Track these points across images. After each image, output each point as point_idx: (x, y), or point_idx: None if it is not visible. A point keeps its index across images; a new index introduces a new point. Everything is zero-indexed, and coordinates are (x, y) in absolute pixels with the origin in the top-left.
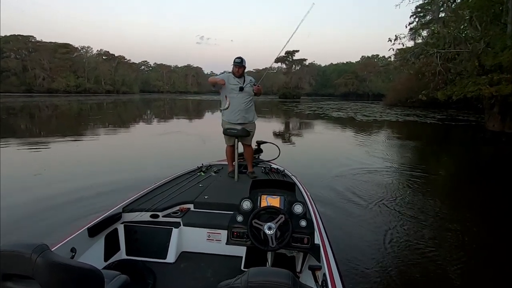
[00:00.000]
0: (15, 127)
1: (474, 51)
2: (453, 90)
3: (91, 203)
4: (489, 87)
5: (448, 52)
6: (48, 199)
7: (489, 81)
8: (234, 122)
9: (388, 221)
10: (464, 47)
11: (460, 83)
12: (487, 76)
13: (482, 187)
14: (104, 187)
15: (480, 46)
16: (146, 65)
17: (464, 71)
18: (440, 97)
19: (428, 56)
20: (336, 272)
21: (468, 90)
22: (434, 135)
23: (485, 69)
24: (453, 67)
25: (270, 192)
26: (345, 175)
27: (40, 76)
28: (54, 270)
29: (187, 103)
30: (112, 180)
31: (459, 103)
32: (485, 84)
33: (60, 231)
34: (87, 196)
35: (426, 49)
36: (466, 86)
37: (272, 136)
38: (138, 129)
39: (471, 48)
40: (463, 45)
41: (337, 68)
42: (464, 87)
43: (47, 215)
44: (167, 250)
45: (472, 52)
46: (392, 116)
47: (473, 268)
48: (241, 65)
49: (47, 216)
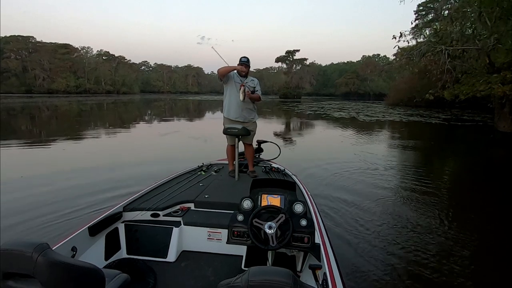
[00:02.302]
0: (14, 128)
1: (484, 48)
2: (460, 89)
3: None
4: (501, 85)
5: (456, 50)
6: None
7: (501, 79)
8: (234, 119)
9: (394, 223)
10: (472, 44)
11: (467, 81)
12: (499, 74)
13: (496, 192)
14: (103, 187)
15: (490, 42)
16: (146, 65)
17: (472, 69)
18: (447, 96)
19: (435, 53)
20: (337, 272)
21: (479, 89)
22: (442, 137)
23: (495, 67)
24: (459, 65)
25: (270, 191)
26: (351, 177)
27: (40, 77)
28: (55, 269)
29: (188, 103)
30: (112, 179)
31: (463, 103)
32: (497, 82)
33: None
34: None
35: (433, 46)
36: (474, 85)
37: (272, 137)
38: (138, 129)
39: (481, 45)
40: (470, 42)
41: (338, 67)
42: (472, 86)
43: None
44: (168, 249)
45: (482, 49)
46: (395, 116)
47: (475, 270)
48: (247, 64)
49: (47, 216)
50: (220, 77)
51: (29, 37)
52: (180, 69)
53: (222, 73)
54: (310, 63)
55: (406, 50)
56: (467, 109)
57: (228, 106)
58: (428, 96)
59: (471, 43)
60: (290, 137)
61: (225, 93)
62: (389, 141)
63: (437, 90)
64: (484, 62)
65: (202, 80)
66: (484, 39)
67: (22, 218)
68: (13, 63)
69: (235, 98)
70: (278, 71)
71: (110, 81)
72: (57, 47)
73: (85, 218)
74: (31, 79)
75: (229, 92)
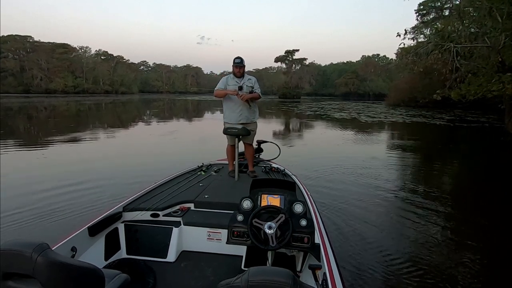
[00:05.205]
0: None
1: (496, 46)
2: (468, 89)
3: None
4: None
5: (465, 48)
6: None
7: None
8: (235, 122)
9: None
10: (481, 42)
11: (475, 81)
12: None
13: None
14: (103, 187)
15: (501, 40)
16: (145, 65)
17: (480, 68)
18: (454, 97)
19: (442, 51)
20: (336, 272)
21: (491, 89)
22: (450, 139)
23: (506, 65)
24: (465, 64)
25: (270, 192)
26: (355, 178)
27: (37, 77)
28: (55, 269)
29: (187, 103)
30: (111, 179)
31: (465, 103)
32: (511, 82)
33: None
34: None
35: (441, 44)
36: (481, 84)
37: (272, 138)
38: (138, 129)
39: (493, 42)
40: (479, 40)
41: (337, 67)
42: (481, 86)
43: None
44: (168, 249)
45: (494, 46)
46: (397, 117)
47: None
48: (241, 65)
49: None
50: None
51: (26, 36)
52: (179, 69)
53: (219, 96)
54: (309, 63)
55: (408, 50)
56: (469, 110)
57: (227, 111)
58: (436, 96)
59: (480, 41)
60: (290, 137)
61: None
62: (395, 144)
63: (445, 90)
64: (496, 61)
65: (201, 80)
66: (496, 36)
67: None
68: (11, 62)
69: (234, 102)
70: (278, 71)
71: (109, 81)
72: (55, 46)
73: (85, 218)
74: (28, 79)
75: (227, 96)
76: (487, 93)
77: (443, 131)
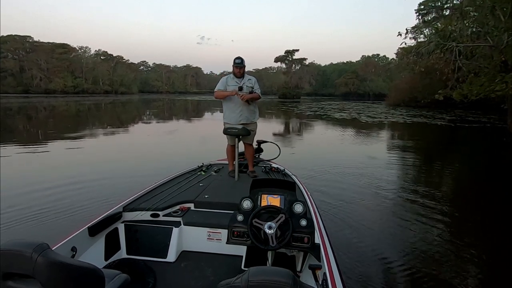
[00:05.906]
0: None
1: (499, 45)
2: (470, 89)
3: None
4: None
5: (467, 47)
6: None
7: None
8: (236, 123)
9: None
10: (483, 41)
11: (476, 81)
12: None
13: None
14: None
15: (504, 39)
16: (145, 65)
17: (482, 68)
18: (456, 97)
19: (444, 51)
20: (336, 272)
21: (495, 89)
22: (452, 139)
23: (509, 65)
24: (467, 64)
25: (270, 192)
26: (357, 179)
27: (37, 77)
28: (55, 269)
29: (186, 103)
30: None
31: (466, 103)
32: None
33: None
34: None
35: (443, 43)
36: (483, 84)
37: (271, 139)
38: (137, 129)
39: (496, 41)
40: (481, 39)
41: (337, 67)
42: (483, 86)
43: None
44: (168, 249)
45: (497, 46)
46: (398, 117)
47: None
48: (242, 65)
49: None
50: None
51: (26, 36)
52: (179, 69)
53: (219, 98)
54: (309, 63)
55: (409, 50)
56: (470, 110)
57: (227, 111)
58: (438, 96)
59: (482, 40)
60: (290, 138)
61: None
62: (395, 144)
63: (447, 90)
64: (499, 60)
65: (201, 80)
66: (498, 35)
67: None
68: (10, 63)
69: (234, 103)
70: (277, 71)
71: (108, 81)
72: (54, 46)
73: (85, 218)
74: (28, 79)
75: (227, 97)
76: (490, 93)
77: (444, 131)
